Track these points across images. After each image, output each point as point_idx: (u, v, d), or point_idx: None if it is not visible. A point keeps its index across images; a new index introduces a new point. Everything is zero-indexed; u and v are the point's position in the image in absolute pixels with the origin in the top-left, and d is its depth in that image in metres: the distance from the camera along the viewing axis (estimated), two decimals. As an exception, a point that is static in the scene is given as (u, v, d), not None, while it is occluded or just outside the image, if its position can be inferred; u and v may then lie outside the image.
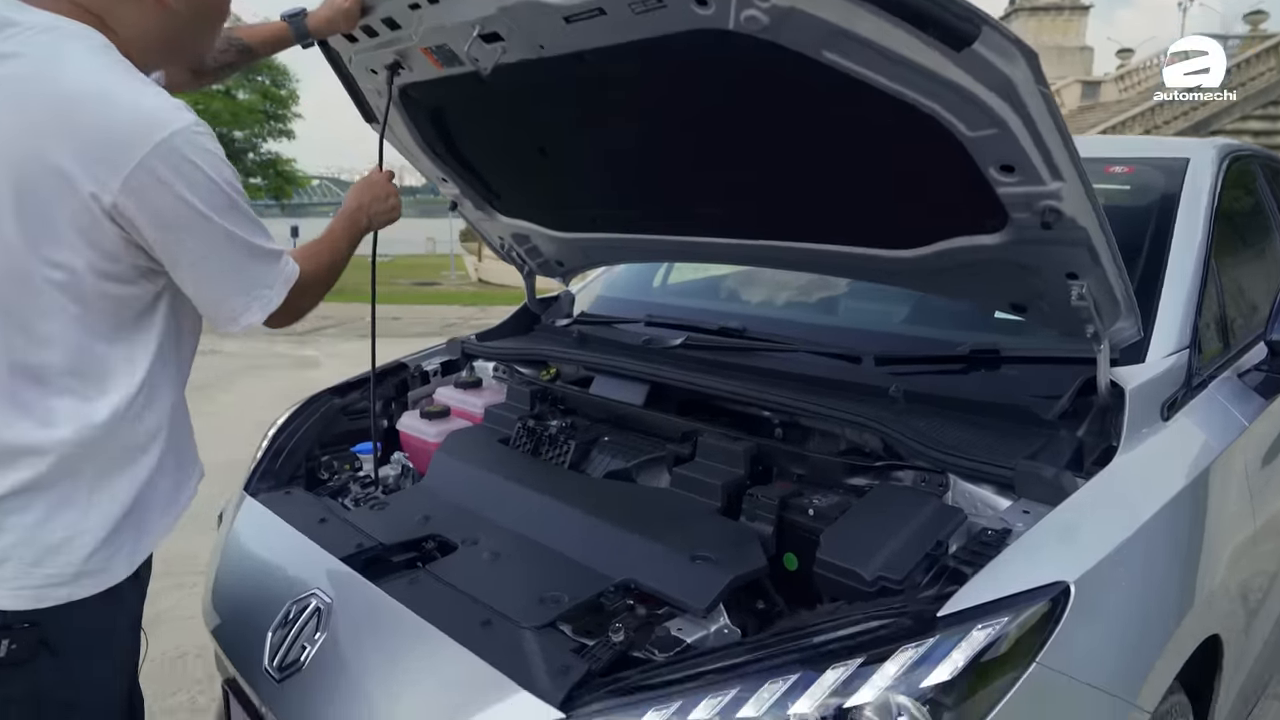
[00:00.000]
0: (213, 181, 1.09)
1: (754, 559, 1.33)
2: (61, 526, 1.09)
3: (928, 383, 1.64)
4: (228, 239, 1.12)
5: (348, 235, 1.45)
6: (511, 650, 1.16)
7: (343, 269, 1.43)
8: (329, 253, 1.39)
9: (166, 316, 1.17)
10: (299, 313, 1.32)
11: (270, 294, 1.20)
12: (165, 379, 1.18)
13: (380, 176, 1.60)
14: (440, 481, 1.76)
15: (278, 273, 1.21)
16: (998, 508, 1.32)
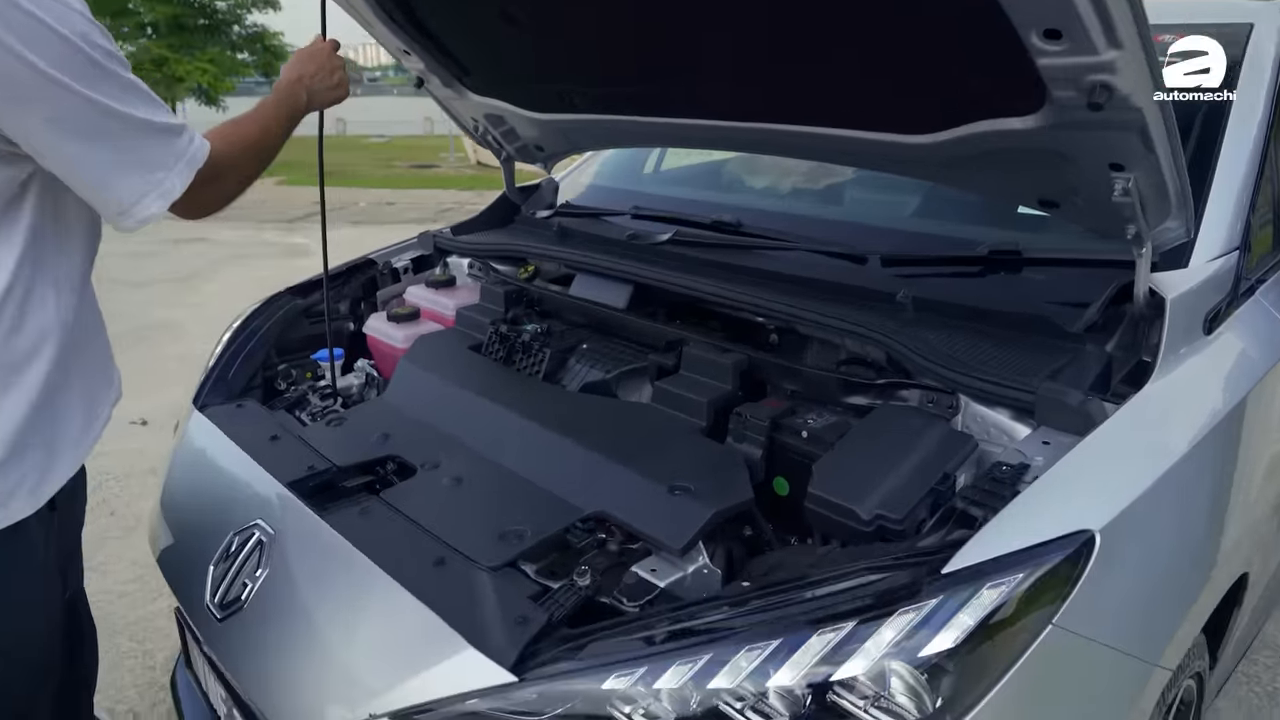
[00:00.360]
0: (58, 36, 0.88)
1: (738, 490, 1.20)
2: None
3: (940, 288, 1.46)
4: (94, 111, 0.93)
5: (281, 112, 1.25)
6: (464, 596, 1.04)
7: (274, 152, 1.24)
8: (256, 131, 1.19)
9: (38, 209, 0.99)
10: (216, 202, 1.14)
11: (168, 178, 1.01)
12: (47, 284, 1.02)
13: (324, 47, 1.39)
14: (403, 394, 1.62)
15: (175, 152, 1.02)
16: (1014, 436, 1.17)
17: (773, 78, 1.41)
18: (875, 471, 1.12)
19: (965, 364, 1.24)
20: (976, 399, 1.22)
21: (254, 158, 1.19)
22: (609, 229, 2.03)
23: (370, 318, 1.99)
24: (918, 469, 1.13)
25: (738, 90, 1.50)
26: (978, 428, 1.22)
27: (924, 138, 1.30)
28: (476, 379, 1.61)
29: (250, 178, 1.18)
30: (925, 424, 1.21)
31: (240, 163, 1.15)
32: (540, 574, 1.14)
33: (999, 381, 1.18)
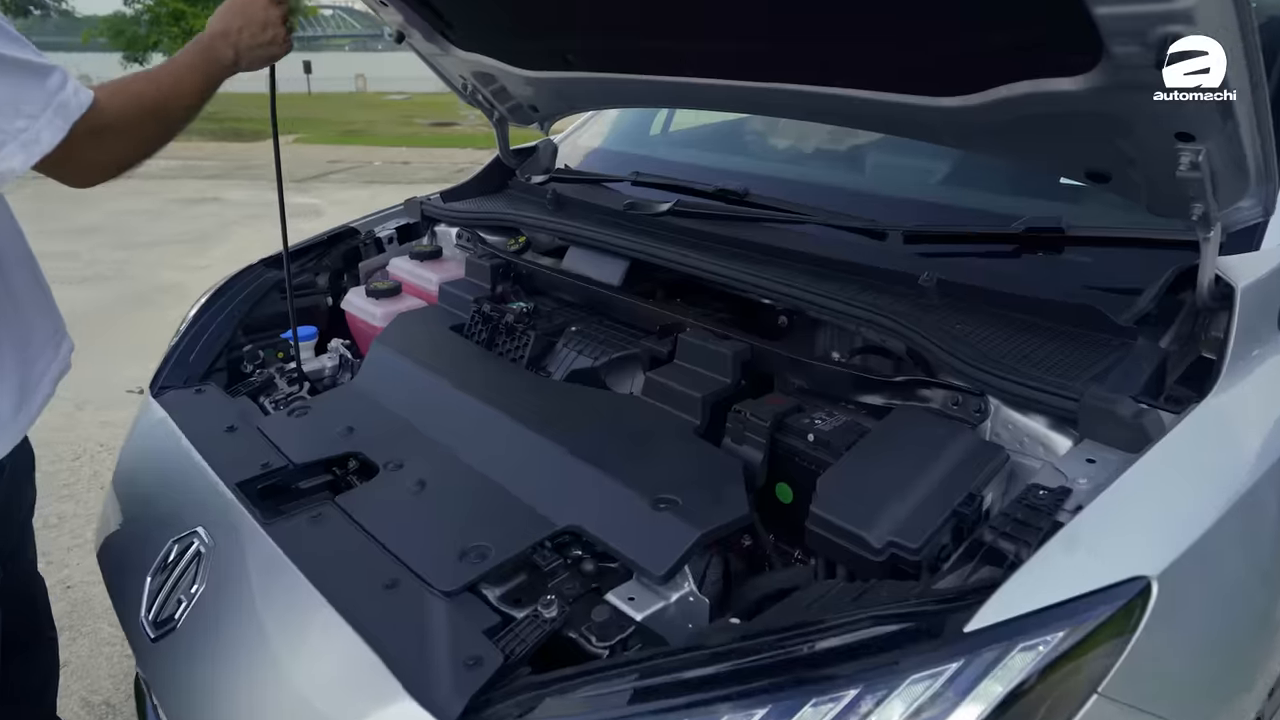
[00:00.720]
0: None
1: (733, 505, 1.05)
2: None
3: (969, 269, 1.30)
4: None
5: (197, 71, 1.10)
6: (412, 630, 0.91)
7: (185, 115, 1.09)
8: (162, 89, 1.05)
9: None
10: (106, 166, 1.00)
11: (32, 126, 0.86)
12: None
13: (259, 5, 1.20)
14: (374, 380, 1.48)
15: (43, 96, 0.87)
16: (1052, 448, 1.01)
17: (783, 31, 1.23)
18: (888, 489, 0.97)
19: (996, 361, 1.08)
20: (1008, 402, 1.06)
21: (156, 119, 1.03)
22: (607, 197, 1.87)
23: (349, 292, 1.85)
24: (938, 486, 0.98)
25: (745, 45, 1.32)
26: (1009, 436, 1.06)
27: (953, 100, 1.12)
28: (453, 365, 1.47)
29: (151, 141, 1.03)
30: (948, 432, 1.06)
31: (137, 123, 1.00)
32: (504, 600, 1.01)
33: (1035, 384, 1.02)
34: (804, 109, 1.40)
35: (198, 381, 1.54)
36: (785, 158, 2.10)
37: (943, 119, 1.16)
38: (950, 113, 1.14)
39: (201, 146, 12.85)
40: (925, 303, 1.25)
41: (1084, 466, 0.93)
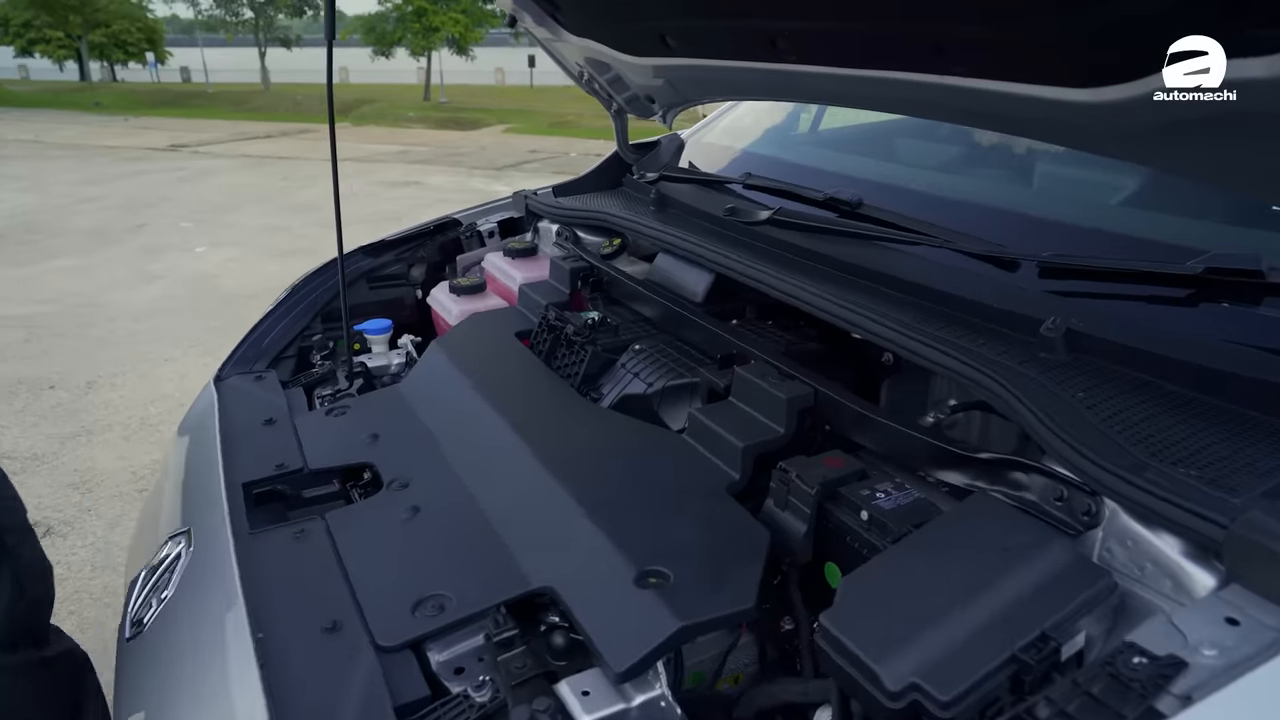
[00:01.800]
0: None
1: (736, 594, 0.84)
2: None
3: (1117, 317, 0.99)
4: None
5: None
6: (326, 691, 0.79)
7: None
8: None
9: None
10: None
11: None
12: None
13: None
14: (420, 385, 1.39)
15: None
16: (1187, 588, 0.72)
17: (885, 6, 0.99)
18: (929, 609, 0.72)
19: (1122, 450, 0.79)
20: (1131, 510, 0.77)
21: None
22: (713, 200, 1.67)
23: (437, 286, 1.78)
24: (1003, 616, 0.72)
25: (840, 24, 1.09)
26: (1125, 557, 0.77)
27: (1096, 94, 0.83)
28: (502, 378, 1.34)
29: None
30: (1036, 538, 0.78)
31: None
32: (444, 668, 0.86)
33: (1170, 492, 0.72)
34: (920, 102, 1.14)
35: (265, 367, 1.52)
36: (937, 165, 1.80)
37: (1083, 118, 0.87)
38: (1092, 111, 0.85)
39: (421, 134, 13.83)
40: (1047, 358, 0.96)
41: (1219, 628, 0.63)
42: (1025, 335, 1.01)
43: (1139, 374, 0.92)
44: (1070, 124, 0.92)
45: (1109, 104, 0.85)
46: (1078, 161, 1.45)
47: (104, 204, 7.81)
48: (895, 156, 1.96)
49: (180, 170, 9.87)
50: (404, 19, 24.84)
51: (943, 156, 1.86)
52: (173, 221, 7.03)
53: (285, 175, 9.44)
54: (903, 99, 1.12)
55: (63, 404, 3.45)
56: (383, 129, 15.15)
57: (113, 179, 9.27)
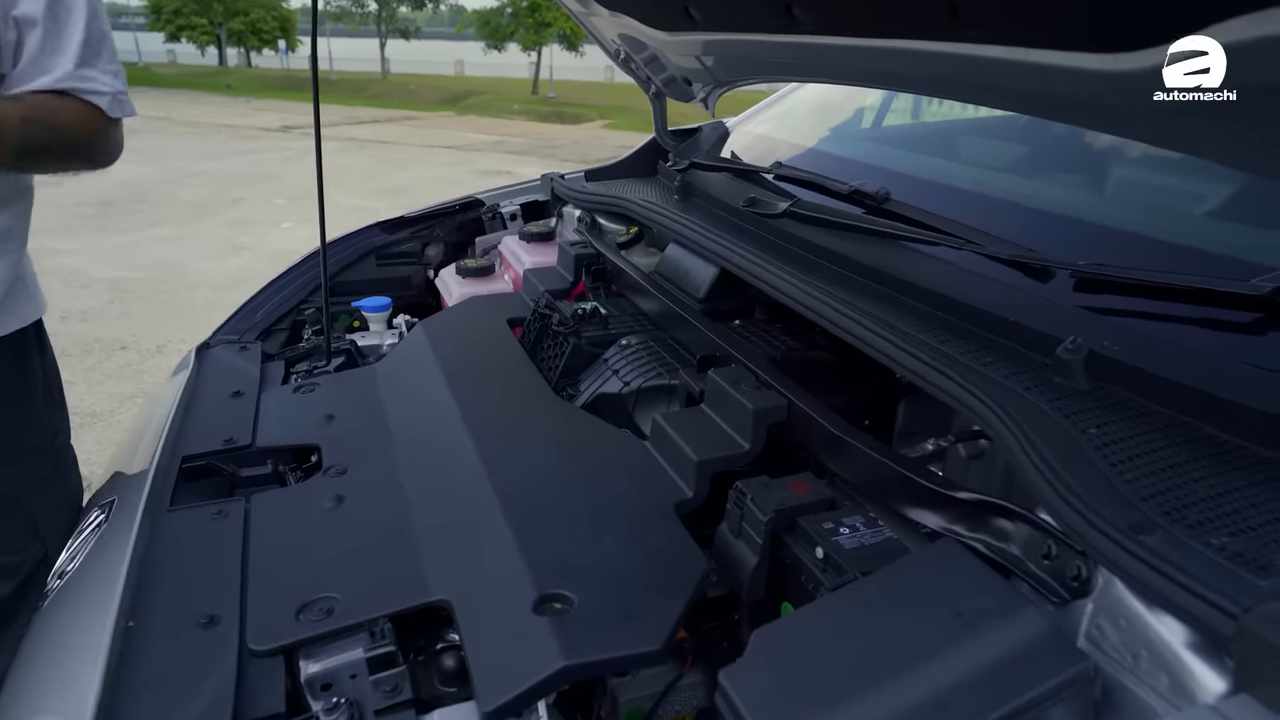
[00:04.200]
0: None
1: (644, 633, 0.71)
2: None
3: (1156, 340, 0.81)
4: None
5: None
6: (164, 696, 0.71)
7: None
8: None
9: None
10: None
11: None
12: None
13: None
14: (394, 368, 1.31)
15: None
16: (1185, 691, 0.55)
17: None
18: (849, 678, 0.59)
19: (1126, 505, 0.63)
20: (1129, 584, 0.61)
21: None
22: (737, 191, 1.54)
23: (446, 268, 1.71)
24: (938, 698, 0.57)
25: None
26: (1117, 639, 0.61)
27: (1122, 59, 0.67)
28: (477, 367, 1.25)
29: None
30: (1000, 604, 0.63)
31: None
32: (310, 682, 0.76)
33: (1176, 566, 0.56)
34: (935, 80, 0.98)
35: (253, 338, 1.47)
36: (994, 165, 1.61)
37: (1104, 88, 0.71)
38: (1116, 80, 0.69)
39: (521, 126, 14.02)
40: (1062, 384, 0.80)
41: (1211, 752, 0.47)
42: (1040, 355, 0.85)
43: (1173, 412, 0.74)
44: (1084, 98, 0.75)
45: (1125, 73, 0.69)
46: (1154, 167, 1.25)
47: (211, 178, 8.18)
48: (955, 155, 1.78)
49: (287, 150, 10.27)
50: (518, 14, 25.30)
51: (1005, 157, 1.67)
52: (268, 198, 7.29)
53: (382, 159, 9.69)
54: (918, 75, 0.97)
55: (130, 364, 3.57)
56: (485, 119, 15.42)
57: (224, 155, 9.72)
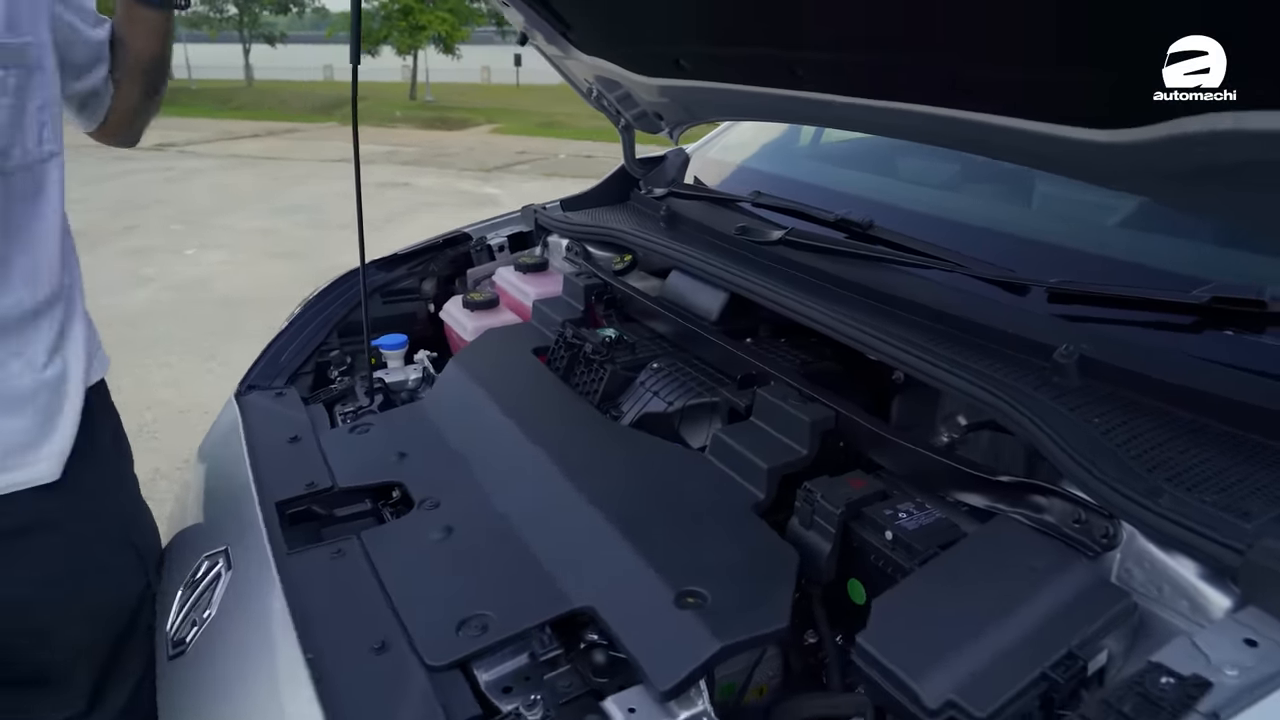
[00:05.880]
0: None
1: (770, 614, 0.87)
2: None
3: (1126, 344, 1.03)
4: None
5: None
6: (378, 712, 0.82)
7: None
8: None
9: None
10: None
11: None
12: None
13: None
14: (440, 403, 1.42)
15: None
16: (1203, 609, 0.76)
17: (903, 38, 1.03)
18: (961, 630, 0.76)
19: (1138, 476, 0.83)
20: (1148, 534, 0.81)
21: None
22: (724, 217, 1.71)
23: (450, 301, 1.81)
24: (1031, 635, 0.76)
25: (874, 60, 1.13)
26: (1144, 577, 0.81)
27: (1114, 135, 0.87)
28: (522, 396, 1.37)
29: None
30: (1058, 561, 0.82)
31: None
32: (492, 687, 0.89)
33: (1186, 517, 0.77)
34: (935, 134, 1.18)
35: (284, 383, 1.54)
36: (939, 183, 1.84)
37: (1098, 157, 0.92)
38: (1108, 151, 0.90)
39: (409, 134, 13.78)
40: (1060, 383, 1.01)
41: (1238, 650, 0.68)
42: (1038, 360, 1.06)
43: (1150, 400, 0.96)
44: (1089, 163, 0.96)
45: (1122, 145, 0.90)
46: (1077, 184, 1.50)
47: (92, 205, 7.75)
48: (896, 173, 2.01)
49: (168, 170, 9.80)
50: (390, 17, 24.72)
51: (943, 174, 1.90)
52: (163, 223, 6.99)
53: (274, 175, 9.40)
54: (920, 129, 1.16)
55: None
56: (370, 129, 15.08)
57: (99, 179, 9.18)
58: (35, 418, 1.02)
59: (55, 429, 1.04)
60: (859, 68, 1.16)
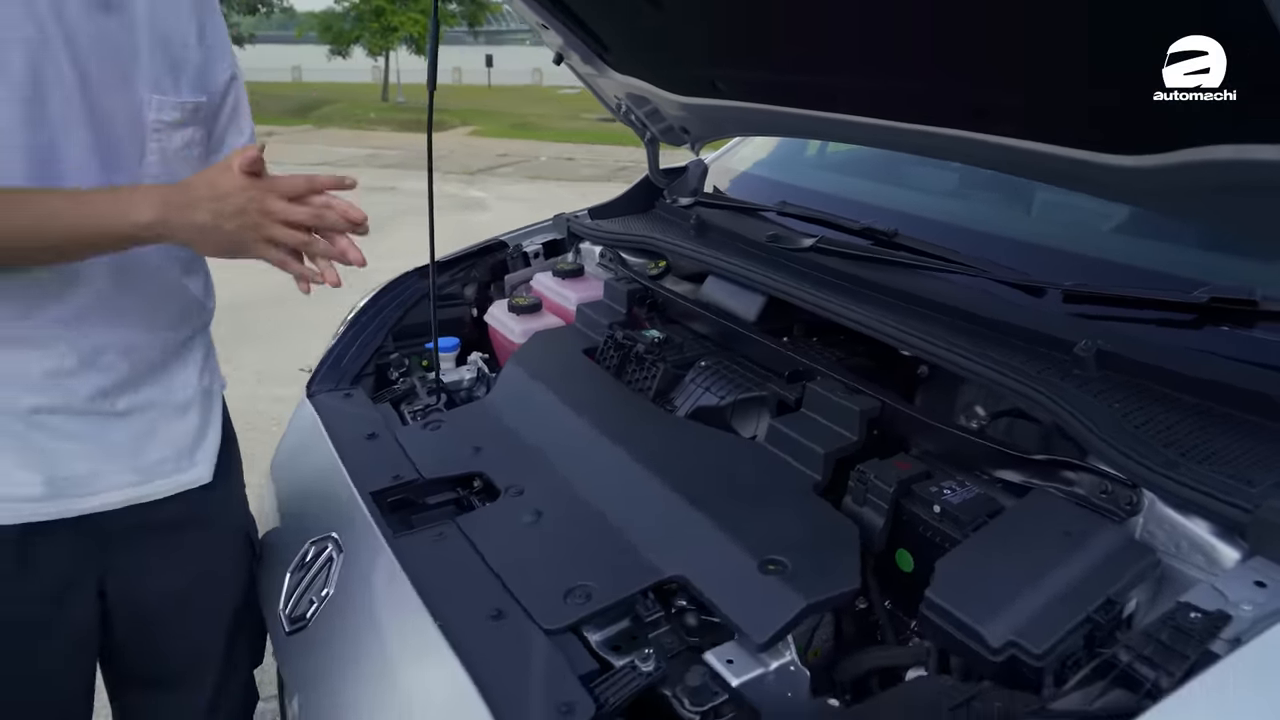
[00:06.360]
0: None
1: (842, 577, 1.01)
2: None
3: (1136, 339, 1.18)
4: None
5: (89, 214, 0.91)
6: (511, 665, 0.94)
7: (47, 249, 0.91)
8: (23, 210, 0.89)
9: None
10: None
11: None
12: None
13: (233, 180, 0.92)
14: (505, 399, 1.53)
15: None
16: (1216, 562, 0.90)
17: (941, 72, 1.17)
18: (1015, 583, 0.90)
19: (1155, 451, 0.97)
20: (1167, 500, 0.95)
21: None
22: (751, 225, 1.84)
23: (493, 305, 1.92)
24: (1073, 586, 0.89)
25: (898, 84, 1.26)
26: (1164, 537, 0.96)
27: (1132, 160, 1.02)
28: (581, 392, 1.49)
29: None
30: (1091, 525, 0.97)
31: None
32: (603, 646, 1.01)
33: (1200, 484, 0.91)
34: (959, 154, 1.32)
35: (348, 385, 1.65)
36: (943, 190, 1.99)
37: (1119, 180, 1.06)
38: (1127, 174, 1.04)
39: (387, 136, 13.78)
40: (1081, 374, 1.15)
41: (1251, 590, 0.82)
42: (1059, 354, 1.20)
43: (1160, 388, 1.11)
44: (1103, 182, 1.10)
45: (1137, 169, 1.04)
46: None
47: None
48: (902, 180, 2.15)
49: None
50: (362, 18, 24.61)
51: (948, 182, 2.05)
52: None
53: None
54: (948, 149, 1.31)
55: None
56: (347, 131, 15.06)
57: None
58: (196, 423, 1.15)
59: (207, 435, 1.17)
60: (887, 93, 1.30)
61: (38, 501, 1.00)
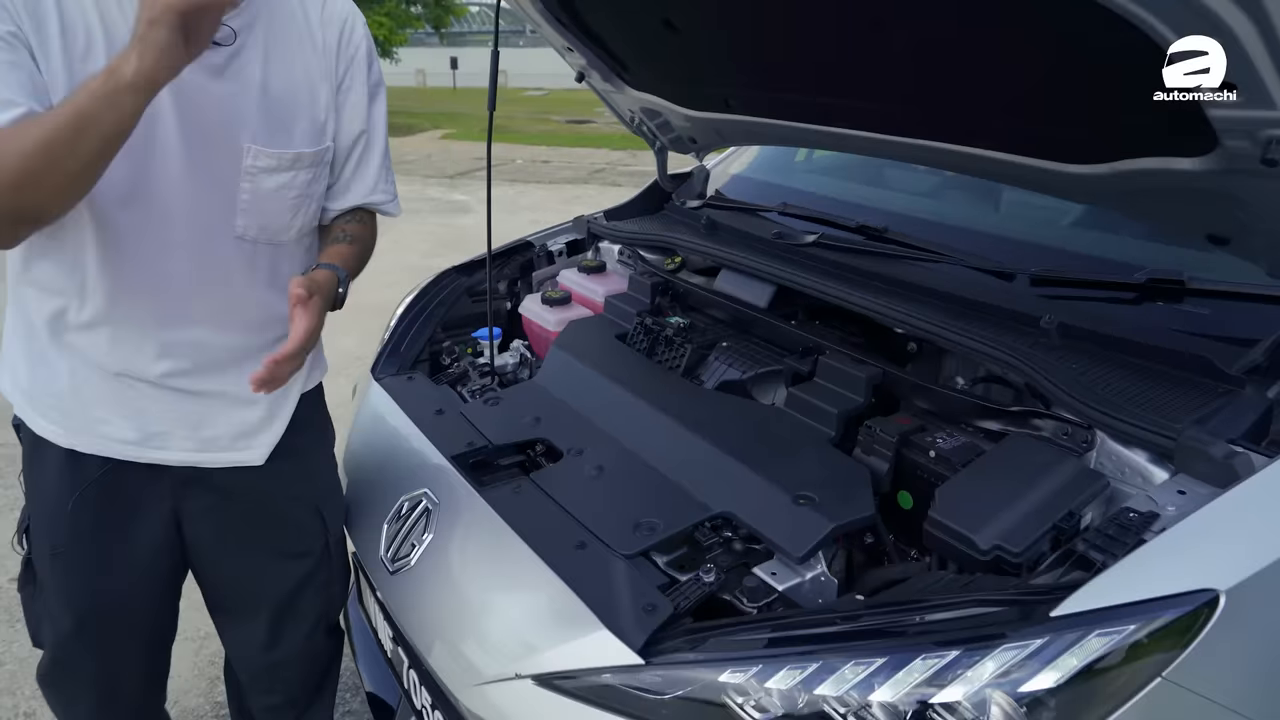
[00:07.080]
0: None
1: (860, 505, 1.25)
2: None
3: (1090, 314, 1.44)
4: None
5: (99, 96, 0.91)
6: (601, 580, 1.17)
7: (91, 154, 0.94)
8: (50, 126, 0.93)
9: None
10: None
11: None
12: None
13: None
14: (553, 378, 1.76)
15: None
16: (1150, 480, 1.16)
17: (931, 99, 1.42)
18: (998, 502, 1.15)
19: (1106, 399, 1.23)
20: (1113, 437, 1.21)
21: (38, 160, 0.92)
22: (756, 225, 2.08)
23: (525, 299, 2.14)
24: (1043, 503, 1.15)
25: (896, 106, 1.51)
26: (1112, 466, 1.22)
27: (1083, 168, 1.28)
28: (621, 369, 1.72)
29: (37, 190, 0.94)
30: (1055, 458, 1.22)
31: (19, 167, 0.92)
32: (669, 566, 1.25)
33: (1139, 422, 1.17)
34: (943, 163, 1.57)
35: (408, 370, 1.86)
36: (922, 194, 2.25)
37: (1073, 183, 1.32)
38: (1080, 178, 1.30)
39: (360, 141, 13.76)
40: (1046, 343, 1.41)
41: (1175, 497, 1.08)
42: (1028, 327, 1.45)
43: (1109, 352, 1.37)
44: (1061, 185, 1.37)
45: (1087, 175, 1.30)
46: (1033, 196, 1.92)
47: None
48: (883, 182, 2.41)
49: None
50: (326, 21, 24.52)
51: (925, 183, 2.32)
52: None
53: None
54: (933, 158, 1.56)
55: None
56: (318, 135, 15.02)
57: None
58: (261, 415, 1.34)
59: (272, 426, 1.35)
60: (887, 112, 1.55)
61: (127, 444, 1.25)
